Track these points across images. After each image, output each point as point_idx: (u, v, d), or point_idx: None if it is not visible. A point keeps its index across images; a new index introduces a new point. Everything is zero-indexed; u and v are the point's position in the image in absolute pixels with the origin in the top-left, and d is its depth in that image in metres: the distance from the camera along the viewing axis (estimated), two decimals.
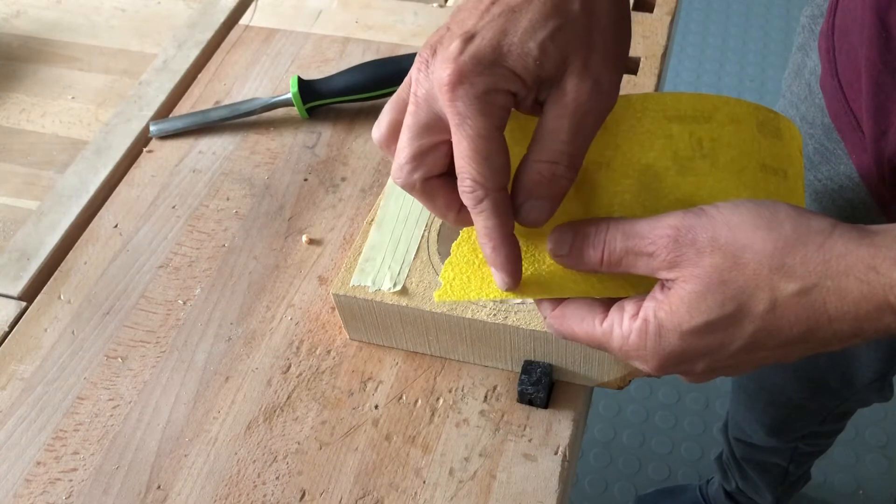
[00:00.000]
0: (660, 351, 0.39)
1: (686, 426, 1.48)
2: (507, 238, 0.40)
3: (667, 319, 0.38)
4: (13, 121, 0.82)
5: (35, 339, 0.64)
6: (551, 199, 0.39)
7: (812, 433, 1.08)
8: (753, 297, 0.36)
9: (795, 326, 0.36)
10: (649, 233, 0.38)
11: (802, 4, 2.23)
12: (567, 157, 0.38)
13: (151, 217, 0.71)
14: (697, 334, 0.38)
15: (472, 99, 0.36)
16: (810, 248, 0.35)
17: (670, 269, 0.37)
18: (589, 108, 0.38)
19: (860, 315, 0.35)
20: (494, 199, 0.38)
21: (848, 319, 0.35)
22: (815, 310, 0.36)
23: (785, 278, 0.35)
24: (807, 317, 0.36)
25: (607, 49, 0.38)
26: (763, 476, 1.18)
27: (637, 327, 0.39)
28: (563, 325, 0.43)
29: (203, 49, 0.86)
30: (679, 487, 1.39)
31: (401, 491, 0.54)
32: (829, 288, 0.35)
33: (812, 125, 0.68)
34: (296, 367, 0.61)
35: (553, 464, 0.54)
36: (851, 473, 1.41)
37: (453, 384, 0.59)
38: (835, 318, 0.36)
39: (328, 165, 0.74)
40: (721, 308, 0.36)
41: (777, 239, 0.36)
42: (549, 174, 0.38)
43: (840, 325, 0.36)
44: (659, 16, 0.83)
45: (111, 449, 0.58)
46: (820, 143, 0.67)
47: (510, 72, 0.37)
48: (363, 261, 0.59)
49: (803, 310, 0.36)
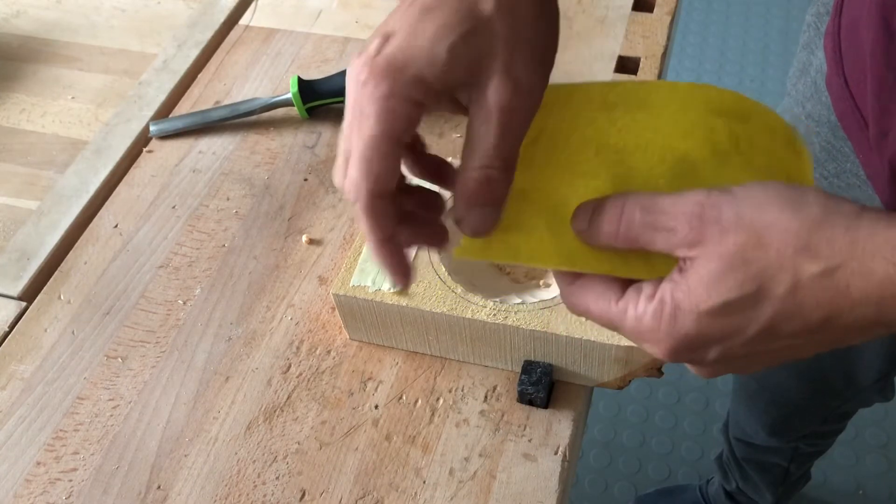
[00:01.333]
0: (673, 333, 0.37)
1: (686, 426, 1.48)
2: (383, 242, 0.39)
3: (684, 300, 0.37)
4: (13, 121, 0.82)
5: (35, 339, 0.64)
6: (492, 205, 0.39)
7: (813, 433, 1.08)
8: (775, 278, 0.35)
9: (816, 311, 0.35)
10: (671, 208, 0.37)
11: (803, 4, 2.23)
12: (499, 160, 0.37)
13: (151, 217, 0.71)
14: (714, 316, 0.36)
15: (373, 101, 0.36)
16: (837, 230, 0.35)
17: (691, 246, 0.36)
18: (512, 108, 0.37)
19: (884, 298, 0.34)
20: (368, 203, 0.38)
21: (871, 304, 0.34)
22: (838, 292, 0.34)
23: (809, 259, 0.34)
24: (829, 300, 0.35)
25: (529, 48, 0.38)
26: (763, 476, 1.18)
27: (652, 309, 0.38)
28: (578, 300, 0.41)
29: (203, 49, 0.86)
30: (679, 487, 1.39)
31: (401, 491, 0.54)
32: (853, 269, 0.34)
33: (818, 123, 0.68)
34: (296, 367, 0.61)
35: (553, 464, 0.54)
36: (851, 473, 1.41)
37: (453, 384, 0.59)
38: (857, 303, 0.34)
39: (328, 165, 0.74)
40: (741, 288, 0.35)
41: (804, 219, 0.35)
42: (484, 179, 0.38)
43: (862, 311, 0.35)
44: (659, 16, 0.83)
45: (111, 449, 0.58)
46: (826, 140, 0.67)
47: (416, 78, 0.36)
48: (363, 261, 0.59)
49: (825, 292, 0.35)
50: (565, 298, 0.42)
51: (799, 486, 1.24)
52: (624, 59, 0.80)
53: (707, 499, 1.33)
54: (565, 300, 0.42)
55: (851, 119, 0.62)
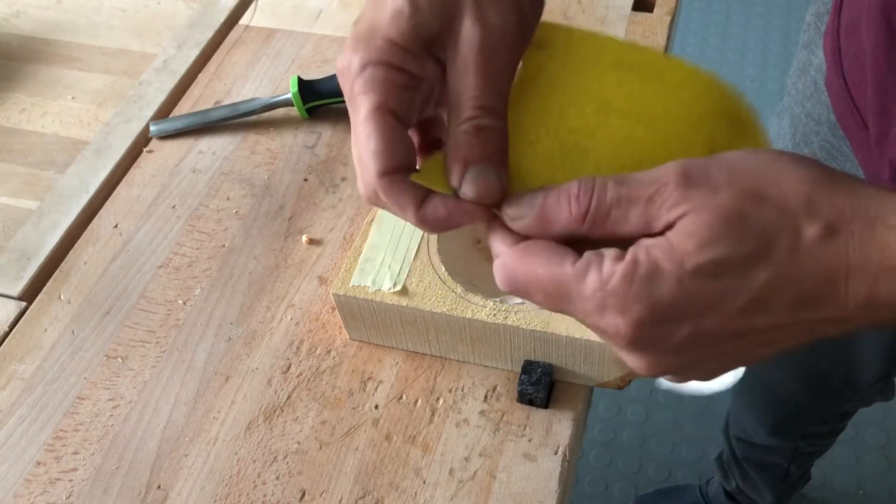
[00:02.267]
0: (644, 299, 0.32)
1: (686, 426, 1.48)
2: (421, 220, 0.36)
3: (664, 258, 0.31)
4: (13, 121, 0.82)
5: (35, 339, 0.64)
6: (493, 160, 0.34)
7: (814, 433, 1.08)
8: (777, 236, 0.31)
9: (812, 278, 0.31)
10: (648, 176, 0.33)
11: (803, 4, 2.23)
12: (485, 108, 0.34)
13: (151, 217, 0.71)
14: (700, 277, 0.31)
15: (355, 80, 0.34)
16: (840, 188, 0.32)
17: (676, 205, 0.32)
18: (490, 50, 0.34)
19: (881, 268, 0.31)
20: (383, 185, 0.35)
21: (866, 276, 0.31)
22: (837, 256, 0.31)
23: (810, 217, 0.31)
24: (825, 265, 0.31)
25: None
26: (764, 475, 1.18)
27: (622, 270, 0.32)
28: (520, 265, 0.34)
29: (203, 49, 0.86)
30: (679, 487, 1.39)
31: (401, 491, 0.54)
32: (853, 232, 0.31)
33: (818, 122, 0.68)
34: (296, 367, 0.61)
35: (553, 464, 0.54)
36: (851, 473, 1.41)
37: (453, 384, 0.59)
38: (853, 271, 0.31)
39: (328, 165, 0.74)
40: (738, 244, 0.31)
41: (804, 176, 0.32)
42: (474, 130, 0.34)
43: (857, 285, 0.31)
44: (659, 16, 0.83)
45: (111, 449, 0.58)
46: (826, 140, 0.67)
47: (385, 41, 0.34)
48: (363, 261, 0.59)
49: (824, 255, 0.31)
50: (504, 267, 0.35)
51: (799, 485, 1.24)
52: None
53: (707, 499, 1.33)
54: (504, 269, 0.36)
55: (850, 119, 0.61)
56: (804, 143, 0.70)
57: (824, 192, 0.32)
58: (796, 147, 0.72)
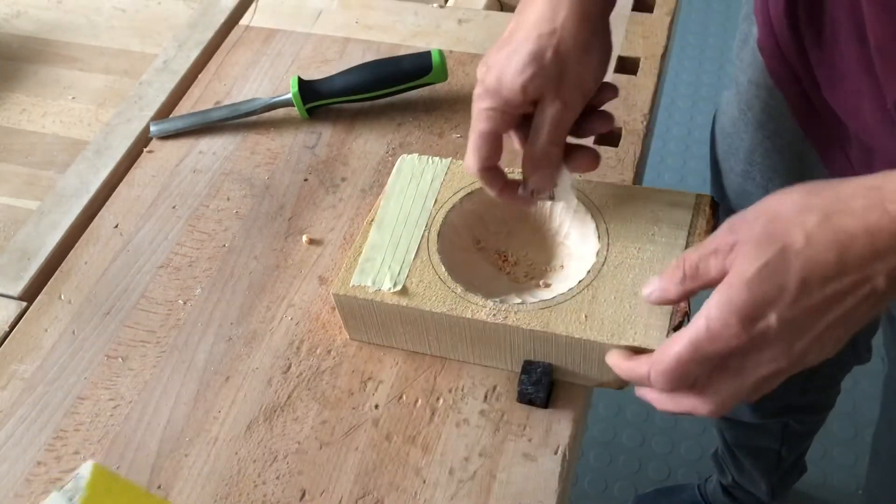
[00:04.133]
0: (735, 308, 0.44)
1: (686, 426, 1.48)
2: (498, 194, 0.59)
3: (733, 277, 0.45)
4: (14, 121, 0.82)
5: (35, 339, 0.64)
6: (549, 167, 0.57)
7: (797, 407, 1.08)
8: (790, 234, 0.44)
9: (829, 251, 0.43)
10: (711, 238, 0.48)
11: None
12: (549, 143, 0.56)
13: (152, 217, 0.72)
14: (758, 279, 0.44)
15: (480, 111, 0.56)
16: (825, 190, 0.45)
17: (731, 248, 0.46)
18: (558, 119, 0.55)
19: (870, 226, 0.43)
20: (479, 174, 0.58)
21: (863, 235, 0.43)
22: (839, 230, 0.43)
23: (809, 213, 0.44)
24: (833, 239, 0.43)
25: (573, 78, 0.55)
26: (757, 462, 1.18)
27: (713, 301, 0.45)
28: (664, 356, 0.47)
29: (203, 49, 0.86)
30: (678, 487, 1.39)
31: (401, 491, 0.54)
32: (841, 210, 0.44)
33: (758, 87, 0.74)
34: (296, 367, 0.61)
35: (553, 464, 0.54)
36: (851, 473, 1.41)
37: (453, 384, 0.59)
38: (853, 236, 0.43)
39: (328, 165, 0.74)
40: (768, 251, 0.44)
41: (801, 192, 0.46)
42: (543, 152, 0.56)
43: (859, 245, 0.43)
44: (659, 16, 0.83)
45: (111, 449, 0.58)
46: (765, 101, 0.73)
47: (504, 99, 0.55)
48: (363, 261, 0.59)
49: (830, 233, 0.43)
50: (658, 374, 0.48)
51: (794, 474, 1.24)
52: (624, 60, 0.80)
53: (706, 498, 1.34)
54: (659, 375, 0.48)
55: (782, 73, 0.69)
56: (747, 107, 0.76)
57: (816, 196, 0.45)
58: (741, 113, 0.77)
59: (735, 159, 0.79)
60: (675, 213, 0.60)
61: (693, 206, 0.60)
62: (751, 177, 0.78)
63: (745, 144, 0.77)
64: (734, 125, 0.78)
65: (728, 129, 0.80)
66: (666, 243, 0.58)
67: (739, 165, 0.79)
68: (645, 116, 0.74)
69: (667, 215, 0.60)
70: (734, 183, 0.81)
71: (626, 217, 0.60)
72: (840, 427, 1.43)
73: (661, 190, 0.61)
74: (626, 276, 0.57)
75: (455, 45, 0.84)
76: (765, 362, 0.46)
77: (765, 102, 0.73)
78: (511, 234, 0.64)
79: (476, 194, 0.63)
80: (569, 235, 0.62)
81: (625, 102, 0.75)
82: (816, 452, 1.40)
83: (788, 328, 0.45)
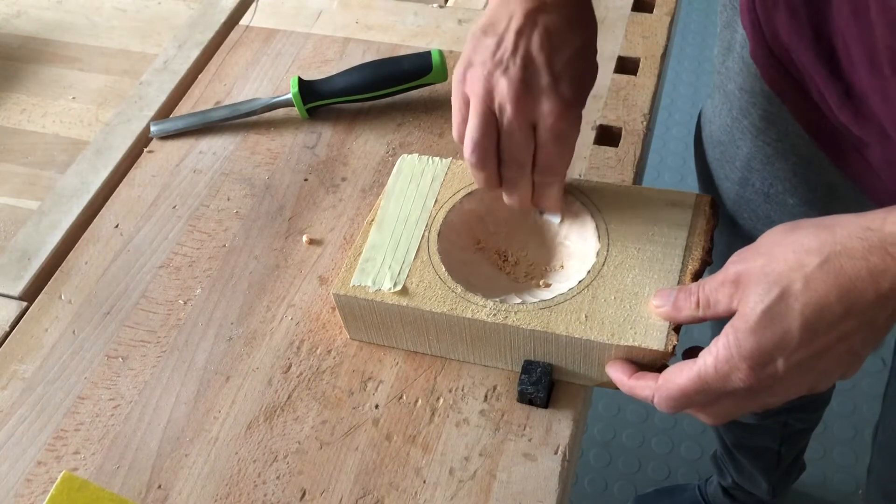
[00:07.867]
0: (743, 354, 0.45)
1: (686, 426, 1.48)
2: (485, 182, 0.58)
3: (738, 323, 0.46)
4: (14, 121, 0.82)
5: (36, 339, 0.64)
6: None
7: (796, 405, 1.08)
8: (790, 278, 0.44)
9: (830, 294, 0.43)
10: (722, 270, 0.49)
11: None
12: None
13: (152, 217, 0.72)
14: (762, 326, 0.45)
15: None
16: (821, 231, 0.45)
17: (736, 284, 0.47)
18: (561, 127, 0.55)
19: (872, 268, 0.43)
20: None
21: (864, 276, 0.43)
22: (838, 274, 0.43)
23: (808, 256, 0.45)
24: (834, 282, 0.43)
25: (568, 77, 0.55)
26: (756, 463, 1.18)
27: (721, 343, 0.46)
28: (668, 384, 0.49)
29: (203, 49, 0.86)
30: (678, 487, 1.39)
31: (401, 490, 0.54)
32: (839, 252, 0.44)
33: (752, 94, 0.71)
34: (296, 367, 0.61)
35: (553, 463, 0.54)
36: (851, 473, 1.41)
37: (453, 384, 0.59)
38: (854, 278, 0.43)
39: (328, 165, 0.74)
40: (768, 295, 0.45)
41: (797, 233, 0.46)
42: None
43: (862, 286, 0.43)
44: (659, 16, 0.83)
45: (112, 448, 0.58)
46: (764, 109, 0.71)
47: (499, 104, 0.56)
48: (363, 261, 0.60)
49: (829, 276, 0.44)
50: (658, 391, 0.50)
51: (793, 474, 1.24)
52: (624, 60, 0.80)
53: (706, 498, 1.34)
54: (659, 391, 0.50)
55: (784, 84, 0.66)
56: (742, 115, 0.73)
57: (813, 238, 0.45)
58: (735, 121, 0.74)
59: (730, 167, 0.77)
60: (675, 213, 0.60)
61: (693, 206, 0.60)
62: (749, 184, 0.75)
63: (743, 152, 0.74)
64: (727, 133, 0.76)
65: (720, 137, 0.77)
66: (666, 243, 0.58)
67: (736, 173, 0.76)
68: (645, 116, 0.75)
69: (667, 215, 0.60)
70: (730, 191, 0.78)
71: (626, 217, 0.60)
72: (840, 427, 1.44)
73: (661, 190, 0.62)
74: (626, 276, 0.57)
75: (455, 45, 0.84)
76: (774, 395, 0.47)
77: (764, 110, 0.71)
78: (511, 234, 0.64)
79: (476, 194, 0.63)
80: (569, 235, 0.62)
81: (625, 102, 0.75)
82: (816, 452, 1.40)
83: (797, 369, 0.46)
